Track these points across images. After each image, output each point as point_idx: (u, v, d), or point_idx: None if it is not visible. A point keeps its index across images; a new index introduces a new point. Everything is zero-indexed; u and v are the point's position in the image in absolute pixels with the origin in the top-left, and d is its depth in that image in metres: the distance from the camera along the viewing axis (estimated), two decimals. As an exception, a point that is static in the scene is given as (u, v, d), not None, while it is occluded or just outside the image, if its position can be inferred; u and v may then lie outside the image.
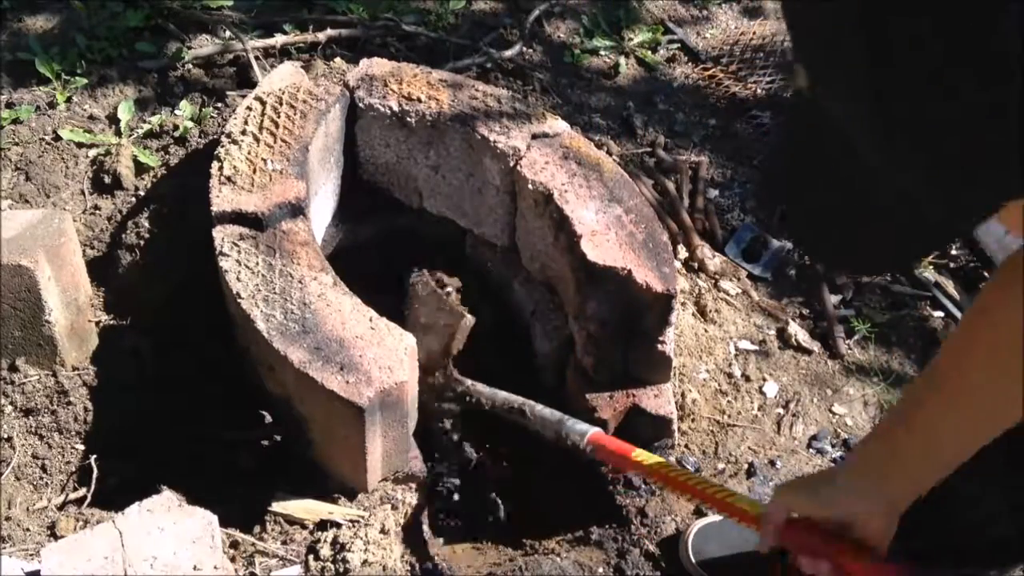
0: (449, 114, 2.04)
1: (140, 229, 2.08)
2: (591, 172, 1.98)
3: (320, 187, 2.07)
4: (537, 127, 2.04)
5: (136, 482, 1.77)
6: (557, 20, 2.96)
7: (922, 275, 2.42)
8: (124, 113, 2.35)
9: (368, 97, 2.06)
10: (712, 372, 2.12)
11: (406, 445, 1.78)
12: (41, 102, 2.38)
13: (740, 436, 2.01)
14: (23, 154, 2.26)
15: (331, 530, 1.71)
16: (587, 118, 2.65)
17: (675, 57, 2.95)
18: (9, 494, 1.74)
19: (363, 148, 2.15)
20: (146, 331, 1.99)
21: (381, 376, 1.61)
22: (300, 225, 1.83)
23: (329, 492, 1.78)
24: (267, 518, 1.73)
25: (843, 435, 2.07)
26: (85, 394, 1.87)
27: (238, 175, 1.87)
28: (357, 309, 1.70)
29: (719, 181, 2.60)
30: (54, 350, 1.86)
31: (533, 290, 2.08)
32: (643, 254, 1.83)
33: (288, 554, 1.67)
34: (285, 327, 1.65)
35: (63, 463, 1.81)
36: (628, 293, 1.80)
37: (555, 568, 1.73)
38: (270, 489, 1.77)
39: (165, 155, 2.28)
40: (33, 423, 1.82)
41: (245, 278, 1.72)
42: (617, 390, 1.82)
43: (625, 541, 1.79)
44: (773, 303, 2.32)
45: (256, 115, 1.99)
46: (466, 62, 2.65)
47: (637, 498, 1.85)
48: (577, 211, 1.90)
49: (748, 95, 2.86)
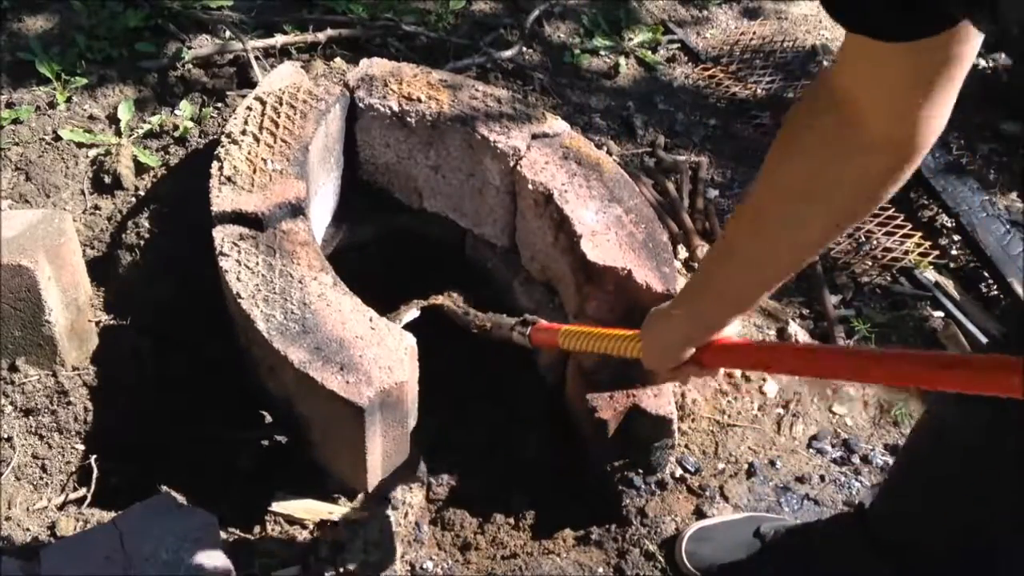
0: (449, 114, 2.04)
1: (140, 229, 2.08)
2: (591, 172, 1.98)
3: (320, 187, 2.07)
4: (537, 127, 2.04)
5: (136, 482, 1.78)
6: (557, 20, 2.96)
7: (922, 275, 2.42)
8: (124, 113, 2.35)
9: (368, 97, 2.06)
10: (712, 372, 2.12)
11: (406, 445, 1.78)
12: (41, 102, 2.38)
13: (740, 436, 2.01)
14: (23, 154, 2.26)
15: (331, 530, 1.71)
16: (587, 118, 2.65)
17: (675, 57, 2.95)
18: (9, 494, 1.74)
19: (363, 148, 2.14)
20: (146, 331, 1.99)
21: (381, 376, 1.61)
22: (300, 225, 1.83)
23: (329, 492, 1.78)
24: (267, 518, 1.73)
25: (843, 435, 2.07)
26: (85, 394, 1.87)
27: (238, 175, 1.87)
28: (357, 309, 1.70)
29: (719, 181, 2.60)
30: (54, 350, 1.86)
31: (533, 290, 2.08)
32: (643, 254, 1.83)
33: (288, 554, 1.67)
34: (285, 327, 1.65)
35: (63, 463, 1.81)
36: (628, 293, 1.80)
37: (555, 568, 1.73)
38: (270, 489, 1.77)
39: (165, 155, 2.28)
40: (33, 423, 1.82)
41: (245, 278, 1.72)
42: (617, 390, 1.81)
43: (625, 541, 1.79)
44: (773, 303, 2.32)
45: (256, 115, 1.99)
46: (466, 62, 2.65)
47: (637, 498, 1.85)
48: (577, 211, 1.90)
49: (748, 95, 2.86)
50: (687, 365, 1.32)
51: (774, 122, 2.78)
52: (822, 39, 3.09)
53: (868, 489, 1.94)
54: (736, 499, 1.89)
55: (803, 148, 1.03)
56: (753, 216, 1.14)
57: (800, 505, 1.91)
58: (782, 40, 3.06)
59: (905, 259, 2.45)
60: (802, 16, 3.19)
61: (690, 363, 1.32)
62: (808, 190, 1.04)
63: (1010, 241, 2.43)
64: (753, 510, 1.88)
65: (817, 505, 1.92)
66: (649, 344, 1.40)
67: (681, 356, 1.31)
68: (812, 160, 1.02)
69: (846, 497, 1.94)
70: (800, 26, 3.14)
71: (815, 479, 1.96)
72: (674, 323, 1.32)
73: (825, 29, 3.14)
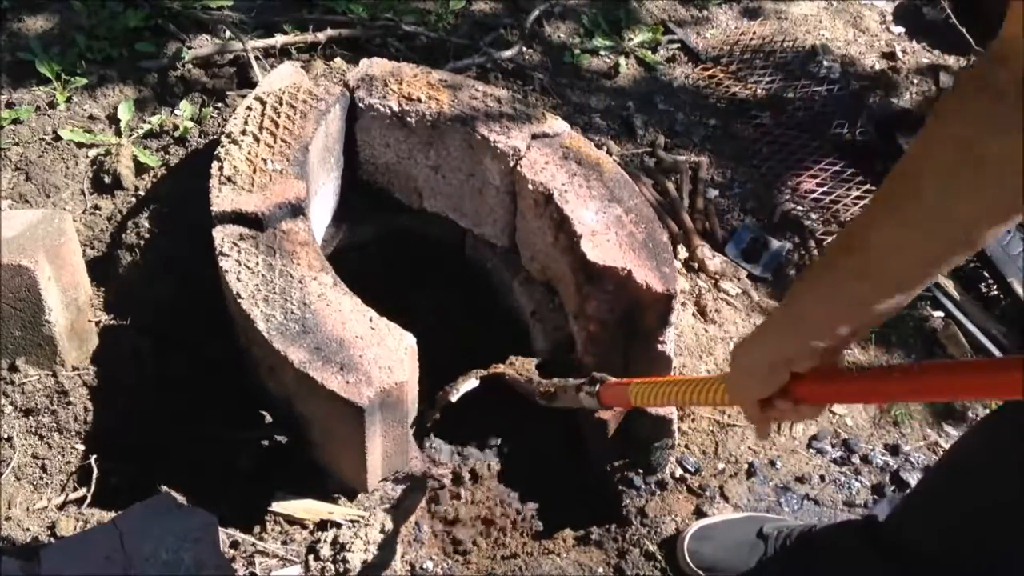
0: (449, 114, 2.04)
1: (140, 229, 2.08)
2: (591, 172, 1.98)
3: (320, 187, 2.07)
4: (537, 127, 2.04)
5: (136, 482, 1.78)
6: (557, 20, 2.96)
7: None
8: (124, 113, 2.35)
9: (368, 97, 2.06)
10: (712, 372, 2.12)
11: (406, 445, 1.78)
12: (41, 102, 2.38)
13: (740, 436, 2.01)
14: (23, 154, 2.26)
15: (331, 530, 1.71)
16: (587, 118, 2.65)
17: (675, 57, 2.95)
18: (9, 494, 1.74)
19: (363, 148, 2.15)
20: (146, 331, 1.99)
21: (381, 376, 1.61)
22: (300, 225, 1.83)
23: (329, 492, 1.78)
24: (267, 518, 1.73)
25: (843, 435, 2.07)
26: (85, 394, 1.87)
27: (238, 175, 1.87)
28: (357, 309, 1.70)
29: (719, 181, 2.60)
30: (54, 350, 1.86)
31: (533, 290, 2.08)
32: (643, 254, 1.83)
33: (288, 554, 1.68)
34: (285, 327, 1.65)
35: (63, 463, 1.81)
36: (628, 293, 1.80)
37: (555, 568, 1.73)
38: (270, 489, 1.77)
39: (165, 155, 2.28)
40: (33, 423, 1.82)
41: (245, 278, 1.72)
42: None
43: (625, 541, 1.79)
44: (773, 303, 2.32)
45: (256, 115, 1.99)
46: (466, 62, 2.65)
47: (637, 498, 1.85)
48: (577, 211, 1.90)
49: (748, 95, 2.86)
50: (780, 400, 1.11)
51: (774, 122, 2.78)
52: (822, 39, 3.09)
53: (884, 500, 1.93)
54: (736, 499, 1.89)
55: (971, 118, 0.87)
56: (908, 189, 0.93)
57: (800, 505, 1.91)
58: (782, 40, 3.06)
59: (905, 259, 2.44)
60: (802, 16, 3.19)
61: (783, 398, 1.10)
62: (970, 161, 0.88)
63: (1010, 241, 2.43)
64: (753, 510, 1.88)
65: (817, 505, 1.92)
66: (734, 370, 1.17)
67: (770, 380, 1.09)
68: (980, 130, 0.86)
69: (846, 497, 1.94)
70: (800, 26, 3.14)
71: (815, 479, 1.96)
72: (767, 333, 1.13)
73: (825, 29, 3.14)
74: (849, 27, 3.18)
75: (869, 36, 3.15)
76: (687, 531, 1.77)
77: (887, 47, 3.11)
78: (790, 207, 2.55)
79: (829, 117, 2.81)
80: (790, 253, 2.44)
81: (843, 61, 3.01)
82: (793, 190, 2.60)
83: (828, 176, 2.64)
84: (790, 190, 2.60)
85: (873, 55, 3.08)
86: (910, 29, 3.19)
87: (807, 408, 1.11)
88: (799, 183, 2.61)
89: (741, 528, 1.76)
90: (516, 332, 2.10)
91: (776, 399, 1.11)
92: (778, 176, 2.63)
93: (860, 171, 2.64)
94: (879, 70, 3.00)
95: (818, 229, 2.49)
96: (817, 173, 2.64)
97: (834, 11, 3.23)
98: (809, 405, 1.11)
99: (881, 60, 3.06)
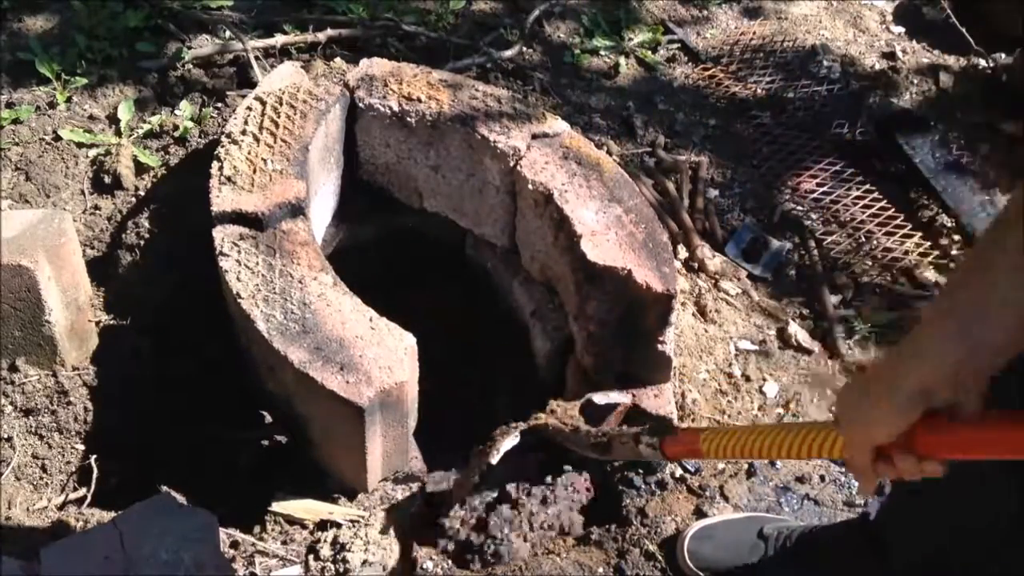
0: (449, 114, 2.04)
1: (140, 229, 2.08)
2: (591, 172, 1.98)
3: (320, 187, 2.07)
4: (537, 127, 2.04)
5: (136, 482, 1.78)
6: (557, 20, 2.96)
7: (922, 275, 2.42)
8: (124, 113, 2.35)
9: (368, 97, 2.06)
10: (712, 372, 2.12)
11: (406, 445, 1.78)
12: (41, 102, 2.39)
13: (740, 436, 2.01)
14: (23, 154, 2.26)
15: (331, 530, 1.71)
16: (587, 118, 2.65)
17: (675, 57, 2.95)
18: (9, 494, 1.74)
19: (363, 148, 2.15)
20: (146, 331, 1.99)
21: (381, 376, 1.61)
22: (300, 225, 1.83)
23: (329, 492, 1.78)
24: (267, 518, 1.73)
25: (843, 435, 2.07)
26: (85, 394, 1.87)
27: (238, 175, 1.87)
28: (357, 309, 1.70)
29: (719, 181, 2.60)
30: (54, 350, 1.86)
31: (533, 290, 2.08)
32: (643, 254, 1.83)
33: (288, 554, 1.67)
34: (285, 327, 1.65)
35: (63, 463, 1.81)
36: (628, 293, 1.80)
37: (555, 568, 1.73)
38: (270, 489, 1.77)
39: (165, 155, 2.28)
40: (33, 423, 1.82)
41: (245, 278, 1.72)
42: (617, 390, 1.81)
43: (625, 541, 1.79)
44: (773, 303, 2.32)
45: (256, 115, 1.99)
46: (466, 62, 2.65)
47: (637, 498, 1.85)
48: (577, 211, 1.90)
49: (748, 95, 2.86)
50: (900, 456, 0.95)
51: (774, 122, 2.78)
52: (822, 39, 3.09)
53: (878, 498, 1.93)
54: (736, 499, 1.89)
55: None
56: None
57: (800, 505, 1.91)
58: (782, 40, 3.06)
59: (905, 259, 2.45)
60: (802, 16, 3.18)
61: (904, 453, 0.94)
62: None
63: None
64: (753, 510, 1.88)
65: (817, 505, 1.92)
66: (856, 405, 0.98)
67: (905, 414, 0.91)
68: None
69: (846, 497, 1.94)
70: (800, 26, 3.14)
71: (815, 479, 1.96)
72: (904, 355, 0.92)
73: (825, 29, 3.14)
74: (849, 27, 3.18)
75: (869, 36, 3.15)
76: (687, 531, 1.77)
77: (887, 47, 3.11)
78: (790, 207, 2.55)
79: (829, 117, 2.81)
80: (790, 253, 2.44)
81: (843, 61, 3.01)
82: (793, 190, 2.60)
83: (828, 176, 2.64)
84: (790, 190, 2.60)
85: (873, 55, 3.08)
86: (910, 29, 3.19)
87: (931, 465, 0.94)
88: (799, 183, 2.61)
89: (741, 528, 1.76)
90: (516, 332, 2.10)
91: (896, 453, 0.95)
92: (778, 176, 2.63)
93: (860, 171, 2.64)
94: (879, 70, 3.00)
95: (818, 229, 2.49)
96: (817, 173, 2.64)
97: (834, 11, 3.23)
98: (935, 461, 0.94)
99: (881, 60, 3.06)
